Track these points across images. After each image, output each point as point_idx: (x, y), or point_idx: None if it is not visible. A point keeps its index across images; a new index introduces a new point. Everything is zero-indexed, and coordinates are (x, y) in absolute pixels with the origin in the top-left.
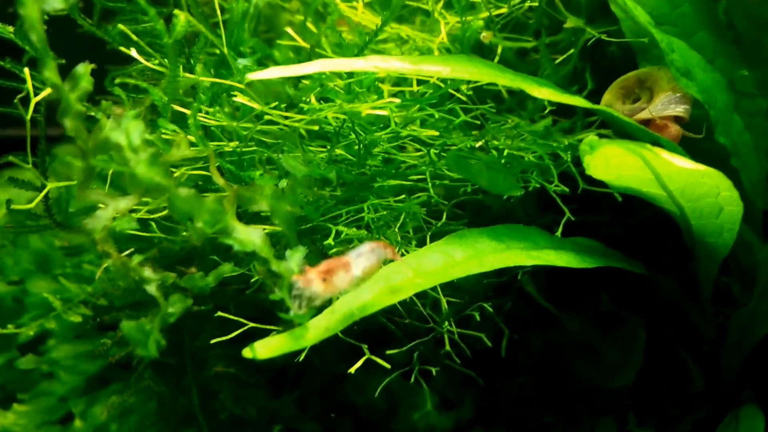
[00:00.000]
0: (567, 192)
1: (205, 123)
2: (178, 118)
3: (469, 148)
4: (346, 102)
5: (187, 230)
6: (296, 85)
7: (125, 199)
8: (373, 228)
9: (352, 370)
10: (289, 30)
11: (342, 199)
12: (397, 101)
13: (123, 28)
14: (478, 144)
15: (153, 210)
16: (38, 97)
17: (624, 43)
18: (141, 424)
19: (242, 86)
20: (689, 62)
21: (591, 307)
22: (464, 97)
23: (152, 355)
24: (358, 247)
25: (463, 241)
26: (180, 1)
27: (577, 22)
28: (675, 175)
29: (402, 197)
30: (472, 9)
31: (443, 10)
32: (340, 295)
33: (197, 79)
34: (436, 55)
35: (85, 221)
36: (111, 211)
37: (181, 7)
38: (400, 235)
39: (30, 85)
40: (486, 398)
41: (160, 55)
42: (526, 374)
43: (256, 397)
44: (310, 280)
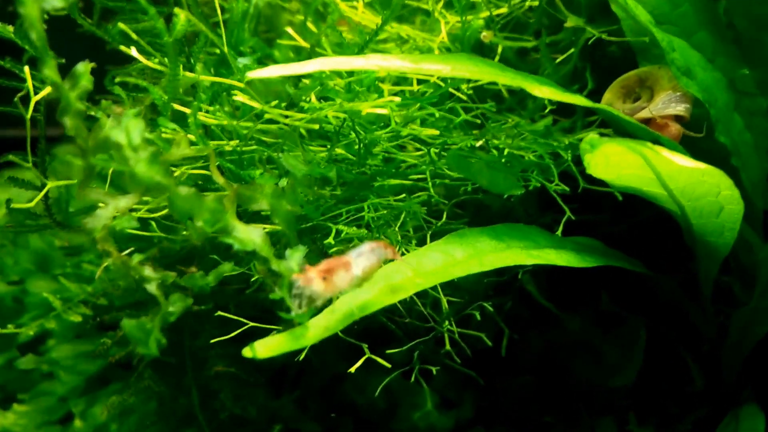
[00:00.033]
0: (567, 191)
1: (205, 122)
2: (178, 117)
3: (470, 148)
4: (347, 101)
5: (187, 229)
6: (296, 84)
7: (125, 198)
8: (374, 227)
9: (352, 370)
10: (290, 30)
11: (342, 198)
12: (398, 100)
13: (123, 27)
14: (478, 143)
15: (153, 209)
16: (38, 96)
17: (624, 42)
18: (141, 423)
19: (242, 85)
20: (690, 61)
21: (591, 306)
22: (464, 97)
23: (153, 354)
24: (359, 247)
25: (464, 240)
26: (180, 1)
27: (577, 21)
28: (675, 174)
29: (402, 196)
30: (473, 8)
31: (443, 9)
32: (340, 294)
33: (197, 78)
34: (437, 54)
35: (85, 220)
36: (111, 209)
37: (182, 7)
38: (401, 235)
39: (30, 84)
40: (486, 398)
41: (160, 54)
42: (527, 374)
43: (257, 397)
44: (310, 279)
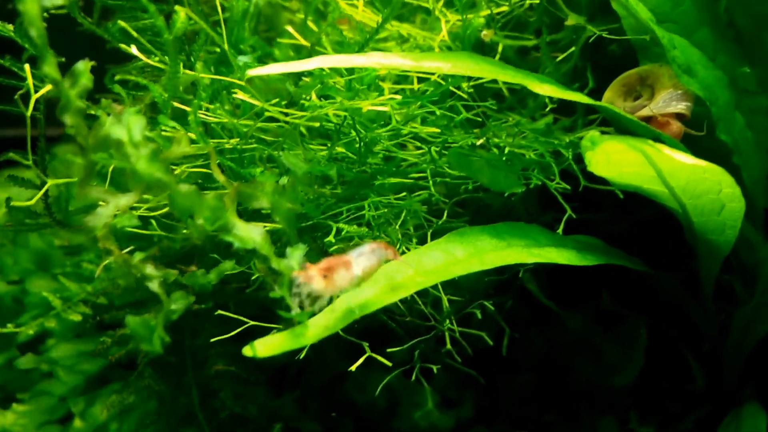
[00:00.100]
0: (568, 190)
1: (205, 120)
2: (178, 115)
3: (470, 146)
4: (347, 99)
5: (188, 228)
6: (297, 83)
7: (126, 196)
8: (374, 226)
9: (352, 369)
10: (290, 28)
11: (342, 196)
12: (398, 98)
13: (123, 25)
14: (479, 141)
15: (152, 208)
16: (38, 94)
17: (625, 41)
18: (141, 423)
19: (243, 83)
20: (691, 59)
21: (592, 305)
22: (465, 95)
23: (157, 351)
24: (359, 247)
25: (464, 239)
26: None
27: (578, 20)
28: (677, 172)
29: (403, 195)
30: (473, 7)
31: (444, 8)
32: (340, 293)
33: (197, 76)
34: (437, 52)
35: (86, 219)
36: (112, 208)
37: (182, 5)
38: (401, 233)
39: (30, 82)
40: (487, 397)
41: (160, 52)
42: (527, 373)
43: (257, 396)
44: (310, 277)
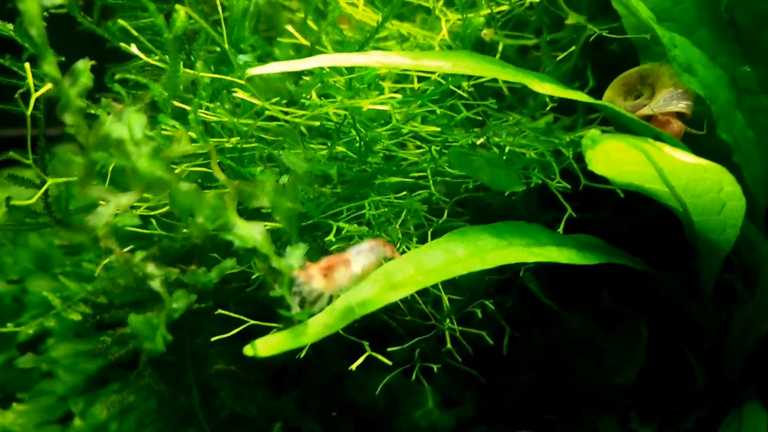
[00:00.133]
0: (568, 189)
1: (205, 119)
2: (178, 114)
3: (471, 145)
4: (347, 98)
5: (188, 227)
6: (297, 82)
7: (127, 195)
8: (374, 225)
9: (353, 368)
10: (290, 28)
11: (343, 196)
12: (399, 97)
13: (123, 24)
14: (479, 141)
15: (153, 207)
16: (38, 93)
17: (625, 40)
18: (141, 422)
19: (243, 82)
20: (691, 58)
21: (593, 304)
22: (465, 94)
23: (160, 350)
24: (358, 245)
25: (465, 238)
26: None
27: (578, 19)
28: (677, 171)
29: (403, 194)
30: (473, 6)
31: (444, 7)
32: (341, 292)
33: (198, 75)
34: (438, 51)
35: (86, 218)
36: (112, 207)
37: (182, 4)
38: (401, 232)
39: (30, 81)
40: (487, 396)
41: (160, 51)
42: (528, 372)
43: (257, 395)
44: (311, 276)
